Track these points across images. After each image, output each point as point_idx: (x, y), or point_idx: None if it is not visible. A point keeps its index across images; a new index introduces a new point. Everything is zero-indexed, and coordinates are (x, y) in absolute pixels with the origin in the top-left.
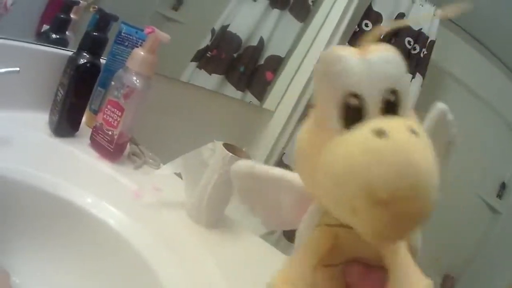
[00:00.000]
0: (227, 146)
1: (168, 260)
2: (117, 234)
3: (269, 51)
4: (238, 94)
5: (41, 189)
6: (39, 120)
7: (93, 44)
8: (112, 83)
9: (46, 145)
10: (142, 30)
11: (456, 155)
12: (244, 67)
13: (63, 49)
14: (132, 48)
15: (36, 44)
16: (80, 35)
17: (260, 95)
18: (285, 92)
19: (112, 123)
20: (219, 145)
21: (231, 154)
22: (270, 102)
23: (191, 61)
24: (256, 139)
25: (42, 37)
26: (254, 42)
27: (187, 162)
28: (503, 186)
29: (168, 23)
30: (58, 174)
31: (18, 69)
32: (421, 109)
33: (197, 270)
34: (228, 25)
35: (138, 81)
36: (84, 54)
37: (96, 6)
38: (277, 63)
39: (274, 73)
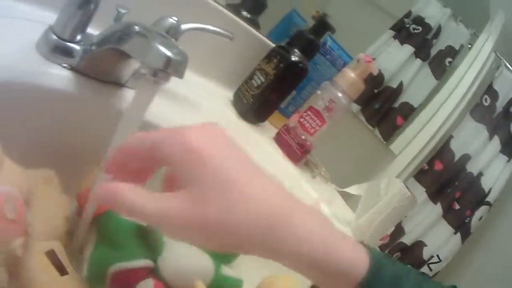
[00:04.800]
0: None
1: None
2: None
3: (404, 97)
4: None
5: None
6: (222, 96)
7: (307, 46)
8: (318, 92)
9: (232, 123)
10: (343, 49)
11: None
12: (380, 105)
13: (259, 33)
14: (331, 62)
15: (236, 17)
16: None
17: (387, 136)
18: (411, 141)
19: (309, 129)
20: (400, 183)
21: (410, 194)
22: (394, 146)
23: None
24: (369, 174)
25: (230, 9)
26: (394, 84)
27: (368, 188)
28: None
29: None
30: None
31: (231, 35)
32: None
33: None
34: (374, 59)
35: (343, 99)
36: (296, 51)
37: (321, 11)
38: (409, 111)
39: (404, 120)
